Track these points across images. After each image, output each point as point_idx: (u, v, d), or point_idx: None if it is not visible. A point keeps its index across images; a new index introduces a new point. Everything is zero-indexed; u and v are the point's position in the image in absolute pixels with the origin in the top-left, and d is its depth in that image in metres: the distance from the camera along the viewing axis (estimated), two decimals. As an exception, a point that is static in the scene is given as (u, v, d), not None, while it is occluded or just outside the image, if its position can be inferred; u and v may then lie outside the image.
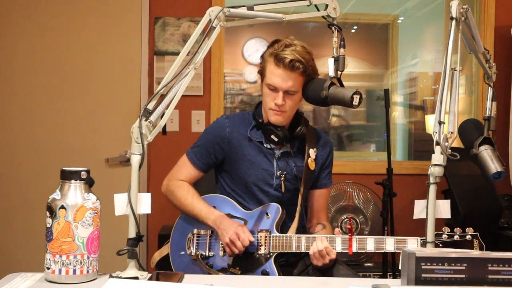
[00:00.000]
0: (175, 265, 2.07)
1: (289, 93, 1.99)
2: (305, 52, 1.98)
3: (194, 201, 2.06)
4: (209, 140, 2.13)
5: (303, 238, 1.92)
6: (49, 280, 1.47)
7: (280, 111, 2.01)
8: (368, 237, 1.85)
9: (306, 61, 1.96)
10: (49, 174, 2.76)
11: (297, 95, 2.01)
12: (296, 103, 2.04)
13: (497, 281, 1.32)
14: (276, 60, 1.97)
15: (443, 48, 4.21)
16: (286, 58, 1.94)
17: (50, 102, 3.28)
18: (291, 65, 1.94)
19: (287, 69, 1.95)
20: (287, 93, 1.99)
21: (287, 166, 2.09)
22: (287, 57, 1.94)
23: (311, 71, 1.99)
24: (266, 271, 1.93)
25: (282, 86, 1.97)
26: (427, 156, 1.77)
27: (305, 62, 1.96)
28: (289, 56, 1.95)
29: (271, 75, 1.99)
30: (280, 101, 1.98)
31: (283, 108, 2.00)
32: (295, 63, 1.94)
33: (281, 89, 1.98)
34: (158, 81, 3.32)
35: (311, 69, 1.99)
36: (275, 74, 1.98)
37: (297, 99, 2.02)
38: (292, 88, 1.97)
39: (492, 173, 1.80)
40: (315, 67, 2.02)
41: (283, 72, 1.96)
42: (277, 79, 1.98)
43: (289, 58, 1.94)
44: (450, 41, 1.65)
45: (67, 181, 1.47)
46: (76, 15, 3.29)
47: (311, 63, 1.99)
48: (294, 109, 2.06)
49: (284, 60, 1.95)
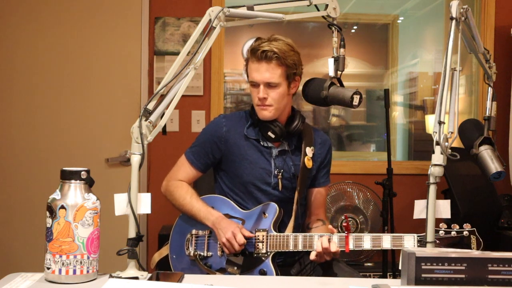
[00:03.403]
0: (174, 266, 2.07)
1: (271, 85, 1.98)
2: (283, 44, 1.98)
3: (192, 201, 2.06)
4: (206, 140, 2.13)
5: (300, 237, 1.92)
6: (49, 280, 1.47)
7: (263, 105, 2.00)
8: (365, 235, 1.85)
9: (282, 51, 1.95)
10: (49, 174, 2.77)
11: (280, 87, 1.99)
12: (281, 96, 2.01)
13: (497, 281, 1.32)
14: (251, 54, 1.99)
15: (443, 48, 4.21)
16: (259, 50, 1.96)
17: (50, 102, 3.28)
18: (263, 55, 1.95)
19: (262, 60, 1.96)
20: (268, 86, 1.98)
21: (285, 164, 2.09)
22: (259, 49, 1.96)
23: (290, 62, 1.97)
24: (263, 271, 1.93)
25: (260, 79, 1.98)
26: (427, 156, 1.77)
27: (279, 52, 1.95)
28: (263, 48, 1.95)
29: (250, 71, 2.01)
30: (261, 94, 1.98)
31: (266, 101, 2.00)
32: (268, 53, 1.94)
33: (260, 82, 1.98)
34: (158, 81, 3.32)
35: (290, 60, 1.97)
36: (252, 68, 1.99)
37: (281, 92, 2.00)
38: (271, 79, 1.97)
39: (492, 173, 1.80)
40: (297, 58, 2.01)
41: (259, 64, 1.97)
42: (254, 73, 1.99)
43: (261, 49, 1.95)
44: (450, 41, 1.66)
45: (67, 181, 1.47)
46: (76, 15, 3.29)
47: (290, 53, 1.97)
48: (281, 103, 2.02)
49: (257, 52, 1.96)
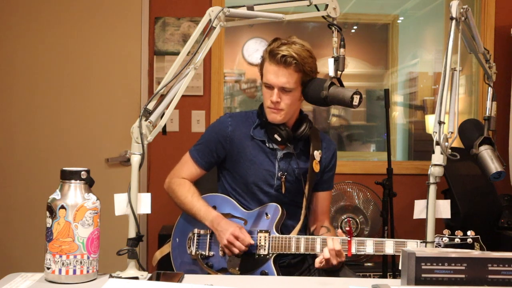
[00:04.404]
0: (176, 265, 2.07)
1: (285, 90, 1.96)
2: (303, 50, 1.95)
3: (193, 200, 2.05)
4: (211, 138, 2.12)
5: (303, 239, 1.92)
6: (49, 280, 1.47)
7: (276, 109, 1.99)
8: (368, 239, 1.84)
9: (302, 58, 1.93)
10: (49, 174, 2.77)
11: (294, 92, 1.97)
12: (294, 101, 2.00)
13: (497, 281, 1.32)
14: (270, 56, 1.96)
15: (443, 48, 4.21)
16: (278, 54, 1.93)
17: (50, 102, 3.28)
18: (283, 60, 1.92)
19: (280, 64, 1.94)
20: (283, 90, 1.96)
21: (289, 167, 2.08)
22: (279, 53, 1.93)
23: (307, 68, 1.95)
24: (265, 272, 1.92)
25: (276, 83, 1.95)
26: (427, 156, 1.77)
27: (299, 58, 1.93)
28: (282, 52, 1.93)
29: (266, 73, 1.98)
30: (275, 97, 1.96)
31: (279, 105, 1.98)
32: (287, 58, 1.92)
33: (275, 85, 1.96)
34: (158, 81, 3.32)
35: (308, 67, 1.96)
36: (269, 71, 1.97)
37: (294, 97, 1.99)
38: (287, 84, 1.95)
39: (492, 173, 1.80)
40: (314, 65, 1.99)
41: (277, 68, 1.95)
42: (270, 76, 1.96)
43: (281, 54, 1.93)
44: (450, 41, 1.65)
45: (67, 181, 1.47)
46: (76, 15, 3.29)
47: (308, 60, 1.96)
48: (292, 108, 2.02)
49: (276, 55, 1.93)
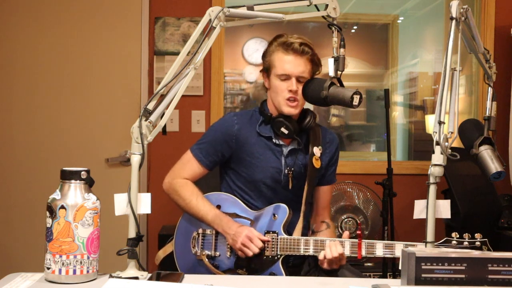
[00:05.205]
0: (180, 265, 2.05)
1: (300, 80, 2.00)
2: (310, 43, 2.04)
3: (199, 203, 2.02)
4: (217, 138, 2.09)
5: (311, 241, 1.91)
6: (49, 280, 1.47)
7: (295, 99, 2.01)
8: (377, 242, 1.84)
9: (313, 47, 2.02)
10: (49, 174, 2.77)
11: None
12: None
13: (497, 281, 1.32)
14: (285, 47, 2.01)
15: (443, 48, 4.21)
16: (295, 43, 1.99)
17: (50, 102, 3.28)
18: (301, 49, 1.99)
19: (297, 53, 1.99)
20: (298, 81, 2.00)
21: (295, 163, 2.08)
22: (295, 42, 1.99)
23: (317, 59, 2.04)
24: (273, 273, 1.91)
25: (294, 72, 1.99)
26: (427, 156, 1.77)
27: (312, 47, 2.01)
28: (298, 40, 2.00)
29: (281, 64, 2.01)
30: (294, 86, 1.99)
31: (297, 95, 2.01)
32: (304, 47, 1.99)
33: (293, 75, 2.00)
34: (158, 81, 3.32)
35: (317, 58, 2.04)
36: (286, 61, 2.00)
37: None
38: (303, 74, 2.00)
39: (492, 173, 1.80)
40: (319, 59, 2.06)
41: (293, 57, 2.00)
42: (288, 65, 2.00)
43: (298, 42, 1.99)
44: (450, 41, 1.65)
45: (67, 181, 1.47)
46: (76, 15, 3.29)
47: (316, 52, 2.04)
48: (303, 99, 2.03)
49: (293, 45, 1.99)
